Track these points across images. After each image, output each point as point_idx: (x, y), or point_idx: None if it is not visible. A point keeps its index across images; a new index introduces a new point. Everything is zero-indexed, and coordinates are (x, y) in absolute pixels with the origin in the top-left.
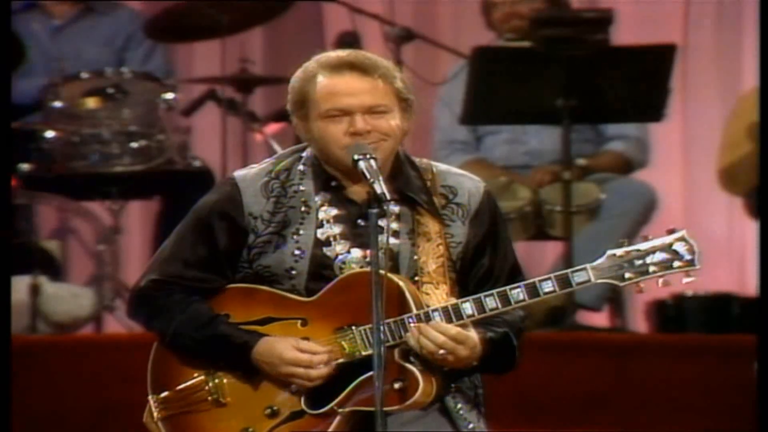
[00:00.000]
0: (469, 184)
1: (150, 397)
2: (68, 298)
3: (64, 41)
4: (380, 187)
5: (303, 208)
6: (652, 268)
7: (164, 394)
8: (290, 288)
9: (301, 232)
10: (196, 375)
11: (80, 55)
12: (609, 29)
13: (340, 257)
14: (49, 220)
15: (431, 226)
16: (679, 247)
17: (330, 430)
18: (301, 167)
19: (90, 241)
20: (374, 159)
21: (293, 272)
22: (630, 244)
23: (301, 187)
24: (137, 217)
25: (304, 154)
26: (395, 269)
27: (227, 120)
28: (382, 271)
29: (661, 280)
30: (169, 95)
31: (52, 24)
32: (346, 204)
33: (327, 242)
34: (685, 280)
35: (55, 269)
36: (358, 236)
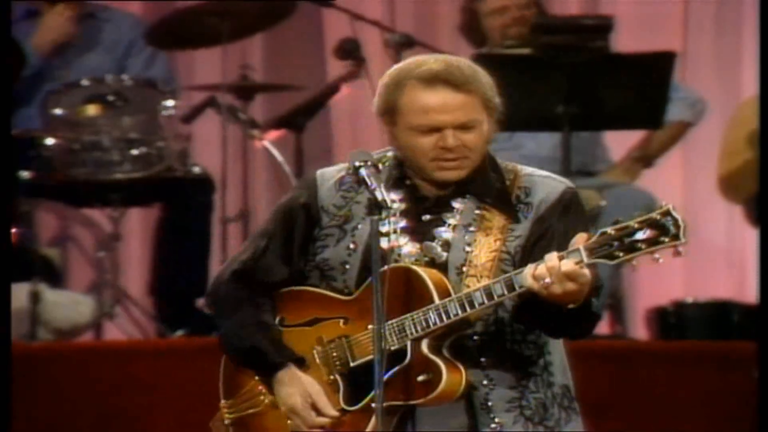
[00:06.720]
0: (549, 184)
1: (221, 403)
2: (68, 305)
3: (64, 48)
4: (381, 194)
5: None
6: (640, 245)
7: (230, 399)
8: (342, 283)
9: (359, 226)
10: (255, 378)
11: (81, 62)
12: (609, 36)
13: (396, 250)
14: (49, 228)
15: (495, 222)
16: (667, 221)
17: (369, 428)
18: (379, 165)
19: (90, 248)
20: (374, 166)
21: (346, 266)
22: (620, 222)
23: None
24: (137, 224)
25: (389, 154)
26: (446, 261)
27: (227, 127)
28: (408, 266)
29: (652, 256)
30: (170, 102)
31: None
32: (416, 200)
33: (386, 235)
34: (675, 255)
35: (55, 276)
36: (419, 230)
